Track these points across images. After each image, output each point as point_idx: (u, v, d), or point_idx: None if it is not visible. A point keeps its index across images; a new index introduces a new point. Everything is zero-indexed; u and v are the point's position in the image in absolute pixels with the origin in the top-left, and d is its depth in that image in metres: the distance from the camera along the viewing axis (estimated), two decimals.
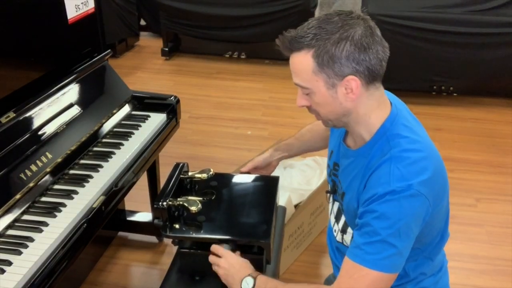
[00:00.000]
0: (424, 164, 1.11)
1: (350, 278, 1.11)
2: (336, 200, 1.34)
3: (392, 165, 1.09)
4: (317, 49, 1.06)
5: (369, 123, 1.16)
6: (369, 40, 1.06)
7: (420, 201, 1.08)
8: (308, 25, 1.09)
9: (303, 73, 1.11)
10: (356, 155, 1.21)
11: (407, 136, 1.14)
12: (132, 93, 2.09)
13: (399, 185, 1.07)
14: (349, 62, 1.06)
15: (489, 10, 3.57)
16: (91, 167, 1.66)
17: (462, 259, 2.32)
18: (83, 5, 1.96)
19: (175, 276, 1.55)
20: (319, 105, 1.15)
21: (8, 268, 1.23)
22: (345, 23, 1.06)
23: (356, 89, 1.09)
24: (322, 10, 4.99)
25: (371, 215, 1.09)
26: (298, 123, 3.71)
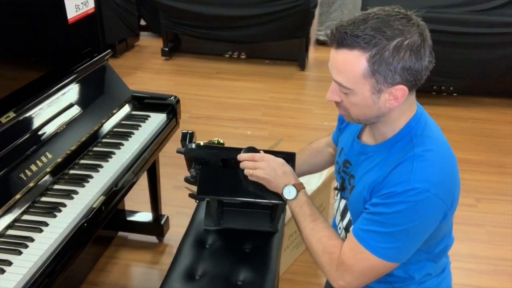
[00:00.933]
0: (445, 168, 1.11)
1: (353, 257, 1.13)
2: (344, 198, 1.33)
3: (415, 163, 1.08)
4: (375, 54, 1.01)
5: (397, 124, 1.15)
6: (424, 51, 1.04)
7: (436, 205, 1.08)
8: (365, 23, 1.02)
9: (350, 73, 1.05)
10: (375, 150, 1.19)
11: (430, 136, 1.14)
12: (132, 93, 2.09)
13: (418, 186, 1.05)
14: (403, 71, 1.03)
15: (489, 10, 3.58)
16: (91, 167, 1.66)
17: (462, 259, 2.32)
18: (83, 5, 1.96)
19: (175, 276, 1.55)
20: (354, 106, 1.11)
21: (8, 268, 1.23)
22: (406, 30, 1.01)
23: (401, 98, 1.07)
24: (322, 9, 4.99)
25: (385, 208, 1.09)
26: (298, 123, 3.72)
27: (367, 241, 1.11)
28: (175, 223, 2.45)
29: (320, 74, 4.52)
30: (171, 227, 2.45)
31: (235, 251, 1.66)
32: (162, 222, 2.37)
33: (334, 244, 1.19)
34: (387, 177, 1.11)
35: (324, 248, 1.19)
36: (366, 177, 1.18)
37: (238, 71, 4.52)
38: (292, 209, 1.29)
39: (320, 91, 4.20)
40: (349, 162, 1.29)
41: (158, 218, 2.37)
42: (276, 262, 1.62)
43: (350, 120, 1.19)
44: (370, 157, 1.20)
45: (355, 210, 1.24)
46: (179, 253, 1.65)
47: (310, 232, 1.23)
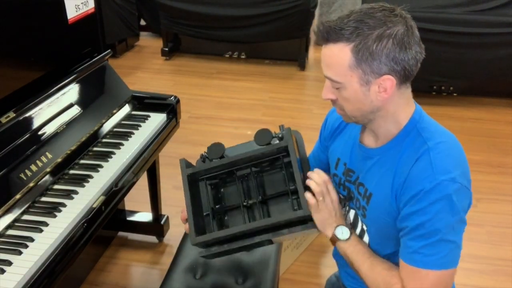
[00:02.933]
0: (460, 157, 1.13)
1: (417, 281, 1.09)
2: (352, 208, 1.28)
3: (432, 155, 1.07)
4: (358, 44, 1.02)
5: (398, 119, 1.14)
6: (409, 40, 1.04)
7: (465, 193, 1.10)
8: (349, 17, 1.04)
9: (338, 66, 1.06)
10: (382, 151, 1.17)
11: (436, 129, 1.14)
12: (132, 93, 2.09)
13: (444, 178, 1.05)
14: (388, 61, 1.03)
15: (489, 10, 3.57)
16: (91, 167, 1.66)
17: (462, 259, 2.30)
18: (83, 5, 1.96)
19: (175, 276, 1.55)
20: (347, 101, 1.11)
21: (8, 268, 1.24)
22: (388, 20, 1.02)
23: (390, 89, 1.06)
24: (322, 9, 4.99)
25: (423, 217, 1.06)
26: (298, 123, 3.71)
27: (422, 260, 1.07)
28: (175, 223, 2.45)
29: (320, 74, 4.46)
30: (171, 227, 2.45)
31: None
32: (162, 222, 2.37)
33: (394, 274, 1.14)
34: (408, 176, 1.09)
35: (384, 280, 1.15)
36: (383, 181, 1.15)
37: (238, 71, 4.52)
38: (345, 249, 1.22)
39: (320, 91, 4.14)
40: (352, 170, 1.25)
41: (158, 218, 2.37)
42: (276, 262, 1.62)
43: (347, 119, 1.18)
44: (379, 160, 1.17)
45: (375, 218, 1.20)
46: (179, 253, 1.65)
47: (369, 268, 1.18)
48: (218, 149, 1.28)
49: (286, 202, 1.23)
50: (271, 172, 1.28)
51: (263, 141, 1.24)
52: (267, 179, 1.28)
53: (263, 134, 1.26)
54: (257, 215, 1.23)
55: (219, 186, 1.30)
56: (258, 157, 1.24)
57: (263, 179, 1.28)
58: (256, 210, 1.23)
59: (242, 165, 1.26)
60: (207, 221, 1.26)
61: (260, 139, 1.25)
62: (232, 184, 1.29)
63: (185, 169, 1.25)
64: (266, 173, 1.28)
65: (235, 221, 1.25)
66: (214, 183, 1.29)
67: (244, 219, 1.23)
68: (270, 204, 1.25)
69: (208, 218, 1.25)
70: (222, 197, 1.29)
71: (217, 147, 1.28)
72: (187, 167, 1.26)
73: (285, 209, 1.23)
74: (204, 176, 1.27)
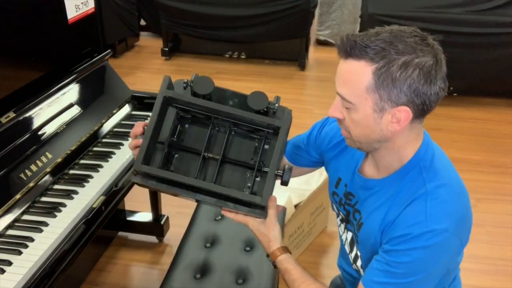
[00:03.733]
0: (459, 202, 1.06)
1: None
2: (350, 230, 1.26)
3: (428, 202, 1.02)
4: (381, 67, 0.94)
5: (403, 154, 1.07)
6: (436, 74, 0.98)
7: (454, 243, 1.03)
8: (377, 35, 0.96)
9: (354, 86, 0.98)
10: (382, 184, 1.11)
11: (440, 168, 1.07)
12: (132, 93, 2.09)
13: (436, 227, 0.99)
14: (409, 91, 0.95)
15: (489, 10, 3.58)
16: (91, 167, 1.66)
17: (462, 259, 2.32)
18: (83, 5, 1.96)
19: (175, 276, 1.55)
20: (355, 124, 1.03)
21: (8, 268, 1.24)
22: (419, 48, 0.95)
23: (404, 121, 0.99)
24: (322, 9, 4.99)
25: (403, 257, 1.01)
26: (298, 123, 3.70)
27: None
28: (175, 223, 2.45)
29: (320, 74, 4.52)
30: (171, 227, 2.45)
31: (235, 251, 1.66)
32: (162, 222, 2.37)
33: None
34: (399, 217, 1.04)
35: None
36: (375, 214, 1.11)
37: (238, 71, 4.52)
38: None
39: (320, 91, 4.20)
40: (352, 194, 1.21)
41: (158, 218, 2.37)
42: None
43: (351, 143, 1.10)
44: (377, 192, 1.12)
45: (364, 247, 1.18)
46: (179, 253, 1.65)
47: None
48: (206, 84, 1.17)
49: (244, 174, 1.17)
50: (245, 137, 1.20)
51: (257, 104, 1.16)
52: (237, 141, 1.19)
53: (259, 97, 1.17)
54: (210, 173, 1.15)
55: (186, 120, 1.19)
56: (244, 121, 1.15)
57: (234, 138, 1.19)
58: (211, 167, 1.15)
59: (224, 118, 1.16)
60: (157, 149, 1.15)
61: (254, 101, 1.16)
62: (201, 126, 1.19)
63: (166, 90, 1.12)
64: (239, 134, 1.19)
65: (186, 166, 1.16)
66: (184, 115, 1.19)
67: (197, 171, 1.14)
68: (226, 168, 1.17)
69: (161, 146, 1.15)
70: (183, 132, 1.18)
71: (205, 82, 1.17)
72: (168, 88, 1.13)
73: (240, 181, 1.16)
74: (179, 105, 1.16)
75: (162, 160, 1.14)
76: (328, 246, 2.40)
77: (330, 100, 1.14)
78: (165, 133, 1.15)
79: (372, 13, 3.60)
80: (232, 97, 1.21)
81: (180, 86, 1.18)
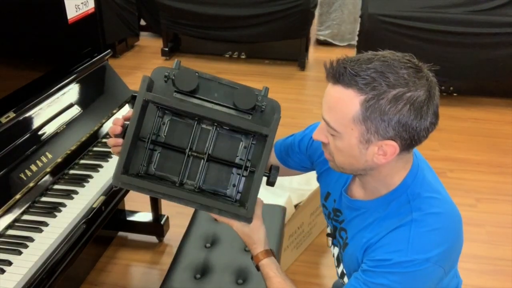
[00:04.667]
0: (446, 232, 1.01)
1: None
2: (335, 245, 1.24)
3: (412, 230, 0.98)
4: (370, 99, 0.90)
5: (390, 182, 1.04)
6: (428, 110, 0.91)
7: (435, 273, 1.00)
8: (369, 63, 0.91)
9: (340, 114, 0.94)
10: (368, 206, 1.09)
11: (429, 196, 1.03)
12: (132, 93, 2.09)
13: (417, 257, 0.97)
14: (398, 126, 0.91)
15: (489, 10, 3.58)
16: (91, 167, 1.66)
17: (462, 259, 2.29)
18: (83, 5, 1.96)
19: (175, 276, 1.55)
20: (339, 152, 1.00)
21: (8, 268, 1.24)
22: (411, 81, 0.90)
23: (390, 155, 0.95)
24: (322, 9, 4.99)
25: (380, 279, 1.00)
26: (299, 123, 3.70)
27: None
28: (175, 223, 2.45)
29: (320, 74, 4.50)
30: (171, 227, 2.45)
31: (235, 251, 1.66)
32: (162, 222, 2.37)
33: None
34: (382, 240, 1.02)
35: None
36: (360, 235, 1.09)
37: (238, 71, 4.52)
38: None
39: (320, 91, 4.18)
40: (339, 211, 1.19)
41: (158, 218, 2.37)
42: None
43: (334, 167, 1.07)
44: (363, 213, 1.10)
45: (348, 267, 1.16)
46: (179, 253, 1.65)
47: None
48: (189, 80, 1.09)
49: (229, 173, 1.13)
50: (231, 134, 1.15)
51: (244, 103, 1.12)
52: (222, 138, 1.14)
53: (246, 96, 1.12)
54: (194, 171, 1.12)
55: (169, 115, 1.13)
56: (230, 126, 1.12)
57: (219, 135, 1.14)
58: (195, 165, 1.12)
59: (209, 121, 1.12)
60: (139, 148, 1.10)
61: (241, 100, 1.12)
62: (184, 122, 1.13)
63: (145, 92, 1.04)
64: (225, 132, 1.15)
65: (169, 164, 1.12)
66: (165, 112, 1.13)
67: (181, 171, 1.11)
68: (211, 166, 1.13)
69: (143, 144, 1.10)
70: (166, 127, 1.13)
71: (188, 76, 1.09)
72: (147, 89, 1.05)
73: (224, 180, 1.14)
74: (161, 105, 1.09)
75: (146, 160, 1.11)
76: (327, 246, 2.40)
77: None
78: (147, 129, 1.10)
79: (372, 13, 3.60)
80: (218, 88, 1.15)
81: (161, 77, 1.10)
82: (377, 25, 3.59)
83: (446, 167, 3.00)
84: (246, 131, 1.12)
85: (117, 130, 1.12)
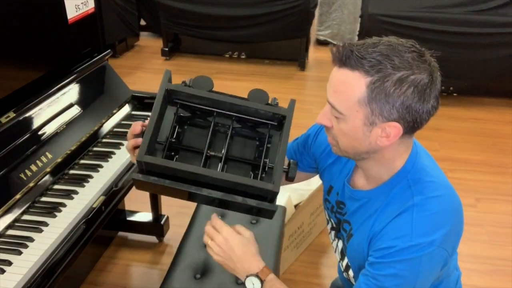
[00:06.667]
0: (447, 214, 1.03)
1: None
2: (339, 238, 1.25)
3: (415, 215, 1.01)
4: (376, 81, 0.92)
5: (392, 166, 1.07)
6: (430, 92, 0.95)
7: (440, 256, 1.02)
8: (375, 46, 0.94)
9: (346, 96, 0.96)
10: (370, 195, 1.11)
11: (429, 180, 1.06)
12: (132, 93, 2.09)
13: (421, 241, 0.98)
14: (402, 108, 0.94)
15: (489, 10, 3.58)
16: (91, 167, 1.66)
17: (462, 259, 2.30)
18: (83, 5, 1.96)
19: (175, 276, 1.55)
20: (343, 135, 1.02)
21: (8, 268, 1.24)
22: (415, 65, 0.93)
23: (393, 137, 0.98)
24: (322, 9, 4.99)
25: (387, 269, 1.01)
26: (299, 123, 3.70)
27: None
28: (175, 223, 2.45)
29: (320, 74, 4.52)
30: (171, 227, 2.45)
31: None
32: (162, 222, 2.37)
33: None
34: (385, 228, 1.04)
35: None
36: (364, 226, 1.10)
37: (238, 71, 4.52)
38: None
39: (320, 91, 4.19)
40: (343, 203, 1.20)
41: (158, 218, 2.37)
42: (276, 262, 1.62)
43: (337, 151, 1.09)
44: (365, 203, 1.12)
45: (353, 258, 1.18)
46: (179, 253, 1.65)
47: None
48: (205, 83, 1.13)
49: (247, 172, 1.13)
50: (247, 133, 1.17)
51: (258, 100, 1.14)
52: (239, 138, 1.16)
53: (259, 93, 1.14)
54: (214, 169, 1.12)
55: (186, 120, 1.16)
56: (249, 113, 1.12)
57: (236, 135, 1.16)
58: (214, 166, 1.12)
59: (227, 112, 1.13)
60: (157, 150, 1.11)
61: (255, 97, 1.14)
62: (201, 125, 1.15)
63: (167, 83, 1.09)
64: (241, 131, 1.16)
65: None
66: (183, 114, 1.15)
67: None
68: (229, 166, 1.14)
69: (161, 147, 1.11)
70: (183, 133, 1.15)
71: (204, 80, 1.14)
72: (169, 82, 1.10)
73: None
74: (180, 100, 1.12)
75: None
76: (328, 246, 2.40)
77: None
78: (165, 134, 1.12)
79: (372, 13, 3.60)
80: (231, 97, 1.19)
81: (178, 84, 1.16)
82: (377, 25, 3.59)
83: (446, 167, 2.99)
84: (265, 115, 1.13)
85: (137, 129, 1.13)
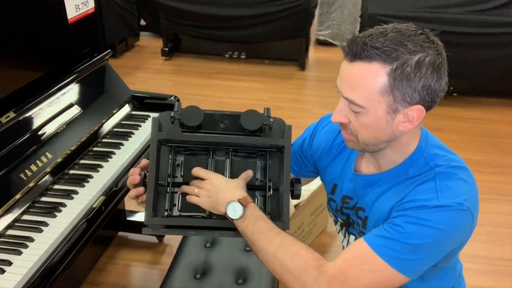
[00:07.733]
0: (469, 181, 1.03)
1: (360, 267, 0.98)
2: (352, 233, 1.22)
3: (438, 182, 1.00)
4: (396, 68, 0.92)
5: (406, 150, 1.06)
6: (444, 70, 0.97)
7: (468, 218, 1.00)
8: (385, 35, 0.93)
9: (366, 89, 0.94)
10: (385, 177, 1.09)
11: (444, 155, 1.06)
12: (132, 93, 2.09)
13: (448, 202, 0.97)
14: (423, 89, 0.94)
15: (489, 10, 3.58)
16: (91, 167, 1.66)
17: (462, 259, 2.29)
18: (83, 5, 1.96)
19: (175, 276, 1.55)
20: (365, 127, 1.00)
21: (8, 268, 1.24)
22: (426, 46, 0.94)
23: (417, 120, 0.97)
24: (322, 9, 4.99)
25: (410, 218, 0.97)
26: (299, 123, 3.70)
27: (383, 249, 0.97)
28: None
29: (320, 74, 4.52)
30: None
31: (235, 250, 1.66)
32: None
33: (317, 257, 1.02)
34: (409, 194, 1.02)
35: (306, 262, 1.01)
36: (383, 206, 1.07)
37: (238, 71, 4.52)
38: (244, 229, 1.04)
39: (320, 91, 4.20)
40: (349, 197, 1.19)
41: None
42: None
43: (354, 146, 1.07)
44: (382, 185, 1.10)
45: None
46: (179, 253, 1.65)
47: (279, 248, 1.01)
48: (195, 115, 1.10)
49: (252, 196, 1.10)
50: (246, 158, 1.15)
51: (251, 124, 1.12)
52: (238, 164, 1.14)
53: (252, 117, 1.13)
54: None
55: (182, 153, 1.13)
56: (246, 146, 1.11)
57: (235, 162, 1.14)
58: None
59: (222, 148, 1.12)
60: (159, 194, 1.09)
61: (248, 122, 1.13)
62: (198, 156, 1.13)
63: (157, 132, 1.07)
64: (239, 157, 1.14)
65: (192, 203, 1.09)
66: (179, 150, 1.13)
67: None
68: None
69: (162, 188, 1.09)
70: (181, 166, 1.12)
71: (194, 112, 1.10)
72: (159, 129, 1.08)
73: None
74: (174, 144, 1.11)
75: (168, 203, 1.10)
76: (328, 246, 2.40)
77: (330, 100, 1.14)
78: (162, 174, 1.09)
79: (372, 13, 3.60)
80: (223, 119, 1.18)
81: (167, 120, 1.12)
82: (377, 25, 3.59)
83: None
84: (261, 149, 1.13)
85: (136, 179, 1.12)
